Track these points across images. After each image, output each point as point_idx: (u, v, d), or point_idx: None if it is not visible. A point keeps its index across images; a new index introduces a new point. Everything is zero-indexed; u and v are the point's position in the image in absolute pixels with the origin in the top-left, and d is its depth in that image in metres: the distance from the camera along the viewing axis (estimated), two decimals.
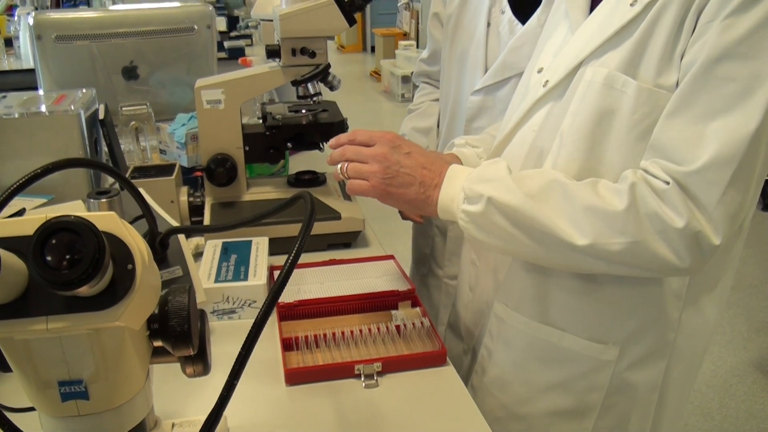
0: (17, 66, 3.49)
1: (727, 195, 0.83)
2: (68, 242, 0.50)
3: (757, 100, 0.81)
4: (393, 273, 1.31)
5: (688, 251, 0.86)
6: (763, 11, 0.80)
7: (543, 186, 0.93)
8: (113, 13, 1.95)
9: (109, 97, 1.79)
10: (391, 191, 1.04)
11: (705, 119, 0.84)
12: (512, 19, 1.46)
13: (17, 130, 1.47)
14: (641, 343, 1.04)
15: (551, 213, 0.91)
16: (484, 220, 0.96)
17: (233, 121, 1.46)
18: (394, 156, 1.04)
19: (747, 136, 0.82)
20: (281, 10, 1.36)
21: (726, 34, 0.82)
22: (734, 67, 0.82)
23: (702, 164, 0.83)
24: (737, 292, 3.63)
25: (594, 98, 0.93)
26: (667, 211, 0.85)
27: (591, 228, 0.88)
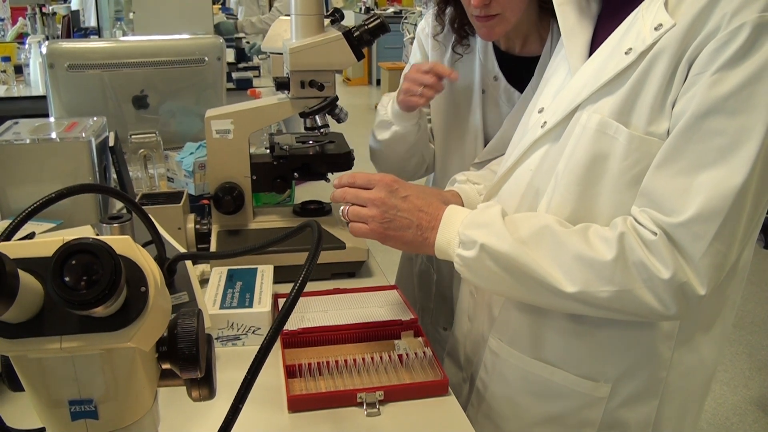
0: (27, 93, 3.55)
1: (712, 247, 0.85)
2: (86, 263, 0.52)
3: (744, 154, 0.83)
4: (396, 303, 1.32)
5: (674, 300, 0.88)
6: (752, 67, 0.82)
7: (534, 232, 0.96)
8: (125, 44, 2.00)
9: (119, 125, 1.82)
10: (390, 234, 1.07)
11: (693, 172, 0.86)
12: (508, 86, 1.49)
13: (28, 156, 1.49)
14: (633, 382, 1.05)
15: (541, 260, 0.93)
16: (478, 265, 0.99)
17: (241, 150, 1.49)
18: (391, 200, 1.08)
19: (733, 191, 0.84)
20: (291, 44, 1.39)
21: (715, 88, 0.84)
22: (722, 121, 0.84)
23: (688, 217, 0.85)
24: (739, 329, 3.63)
25: (587, 143, 0.95)
26: (654, 262, 0.88)
27: (580, 276, 0.91)
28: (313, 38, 1.39)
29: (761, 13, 0.81)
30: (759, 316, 3.77)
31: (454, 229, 1.03)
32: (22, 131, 1.54)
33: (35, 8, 4.52)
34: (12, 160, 1.49)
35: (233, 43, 4.08)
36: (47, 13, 4.42)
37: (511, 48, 1.50)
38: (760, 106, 0.82)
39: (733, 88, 0.83)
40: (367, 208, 1.08)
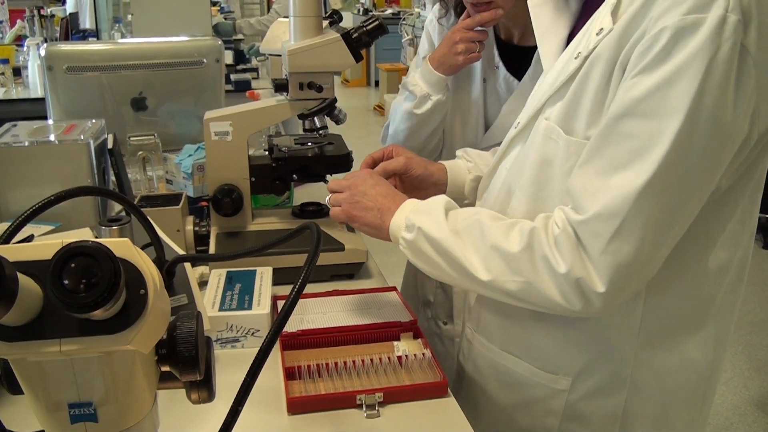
0: (25, 95, 3.56)
1: (612, 246, 0.87)
2: (86, 266, 0.52)
3: (652, 158, 0.84)
4: (395, 304, 1.32)
5: (575, 296, 0.91)
6: (667, 72, 0.82)
7: (468, 224, 1.02)
8: (124, 46, 1.99)
9: (118, 128, 1.82)
10: (355, 214, 1.18)
11: (607, 173, 0.88)
12: (507, 75, 1.54)
13: (27, 159, 1.50)
14: (593, 377, 1.07)
15: (466, 249, 1.00)
16: (416, 247, 1.07)
17: (240, 152, 1.49)
18: (361, 186, 1.20)
19: (633, 193, 0.85)
20: (290, 46, 1.39)
21: (631, 91, 0.85)
22: (635, 124, 0.85)
23: (590, 215, 0.88)
24: (738, 329, 3.64)
25: (537, 147, 1.01)
26: (555, 255, 0.91)
27: (494, 265, 0.97)
28: (311, 40, 1.39)
29: (683, 16, 0.81)
30: (758, 316, 3.79)
31: (403, 215, 1.11)
32: (20, 134, 1.54)
33: (33, 10, 4.53)
34: (11, 163, 1.49)
35: (232, 44, 4.09)
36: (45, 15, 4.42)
37: (510, 38, 1.56)
38: (671, 111, 0.82)
39: (646, 92, 0.84)
40: (342, 193, 1.21)
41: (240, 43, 4.31)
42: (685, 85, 0.81)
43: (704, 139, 0.83)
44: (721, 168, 0.88)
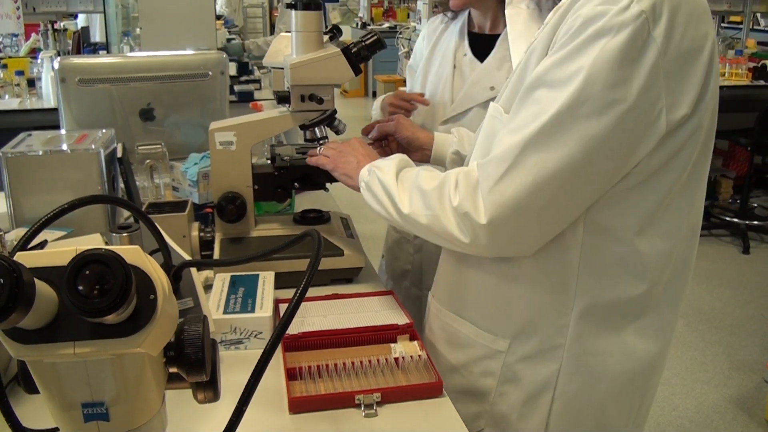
0: (39, 105, 3.64)
1: (498, 186, 1.01)
2: (99, 273, 0.57)
3: (542, 119, 0.97)
4: (392, 307, 1.37)
5: (465, 227, 1.05)
6: (569, 50, 0.96)
7: (411, 173, 1.20)
8: (133, 59, 2.05)
9: (127, 137, 1.87)
10: (338, 162, 1.38)
11: (512, 132, 1.01)
12: (473, 58, 1.74)
13: (40, 167, 1.55)
14: (529, 341, 1.16)
15: (401, 185, 1.17)
16: (369, 187, 1.24)
17: (244, 161, 1.54)
18: (350, 144, 1.41)
19: (521, 143, 0.98)
20: (292, 60, 1.44)
21: (542, 66, 1.00)
22: (540, 93, 0.99)
23: (486, 159, 1.03)
24: (719, 331, 3.73)
25: (485, 124, 1.16)
26: (453, 192, 1.06)
27: (414, 201, 1.13)
28: (312, 54, 1.44)
29: (595, 6, 0.95)
30: (738, 319, 3.88)
31: (367, 168, 1.27)
32: (34, 143, 1.59)
33: (47, 25, 4.60)
34: (25, 171, 1.54)
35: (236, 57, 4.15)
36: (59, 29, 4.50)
37: (482, 29, 1.77)
38: (567, 81, 0.95)
39: (552, 64, 0.98)
40: (335, 148, 1.42)
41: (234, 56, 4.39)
42: (582, 60, 0.94)
43: (593, 107, 0.94)
44: (616, 141, 0.96)
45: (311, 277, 0.75)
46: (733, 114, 5.09)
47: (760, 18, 7.20)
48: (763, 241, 4.93)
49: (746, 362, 3.44)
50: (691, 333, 3.70)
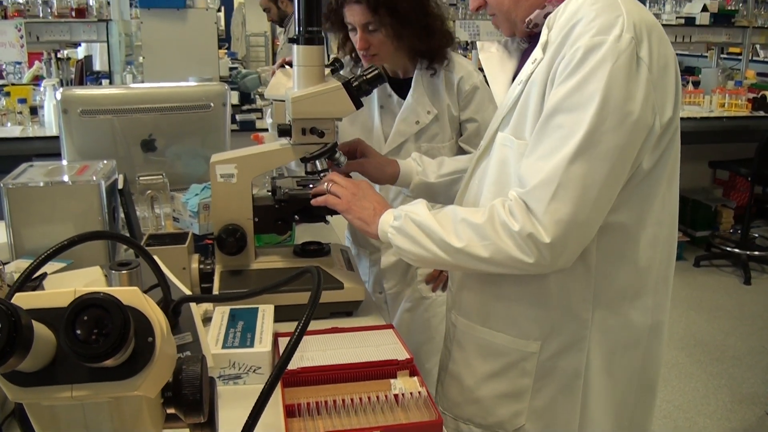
0: (41, 133, 3.65)
1: (551, 206, 1.12)
2: (97, 318, 0.56)
3: (575, 138, 1.10)
4: (392, 342, 1.36)
5: (528, 249, 1.14)
6: (580, 77, 1.10)
7: (443, 210, 1.27)
8: (136, 91, 2.06)
9: (128, 167, 1.88)
10: (353, 207, 1.41)
11: (544, 157, 1.14)
12: (398, 99, 2.01)
13: (41, 198, 1.56)
14: (559, 338, 1.29)
15: (441, 224, 1.24)
16: (402, 230, 1.29)
17: (245, 194, 1.54)
18: (364, 189, 1.44)
19: (563, 164, 1.11)
20: (293, 94, 1.45)
21: (556, 94, 1.13)
22: (562, 118, 1.12)
23: (532, 186, 1.14)
24: (720, 363, 3.70)
25: (496, 153, 1.29)
26: (510, 219, 1.15)
27: (465, 235, 1.20)
28: (314, 88, 1.45)
29: (591, 37, 1.10)
30: (740, 350, 3.85)
31: (391, 214, 1.34)
32: (36, 174, 1.60)
33: (51, 53, 4.65)
34: (26, 202, 1.55)
35: (237, 85, 4.18)
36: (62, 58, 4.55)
37: (396, 75, 2.03)
38: (586, 104, 1.09)
39: (567, 93, 1.12)
40: (346, 188, 1.44)
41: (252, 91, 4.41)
42: (595, 84, 1.09)
43: (614, 122, 1.10)
44: (632, 147, 1.13)
45: (310, 316, 0.75)
46: (733, 144, 5.13)
47: (759, 49, 7.26)
48: (764, 271, 4.91)
49: (749, 395, 3.41)
50: (693, 365, 3.67)
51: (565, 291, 1.26)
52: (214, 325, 1.34)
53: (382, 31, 1.85)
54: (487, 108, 1.96)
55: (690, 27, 5.39)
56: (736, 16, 5.52)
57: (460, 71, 1.96)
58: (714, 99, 5.07)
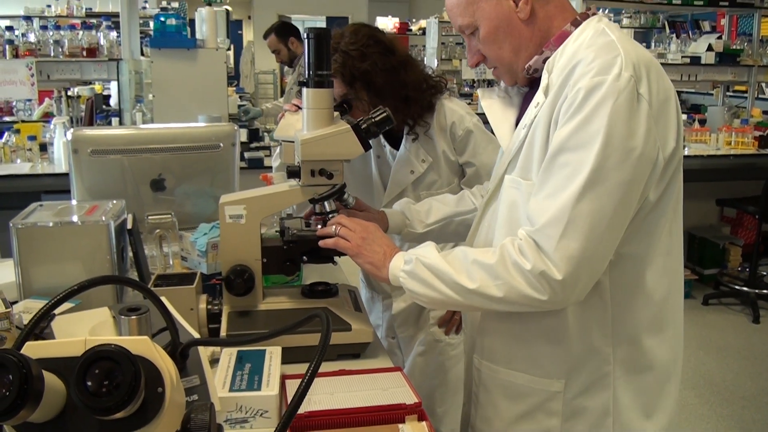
0: (50, 170, 3.68)
1: (561, 243, 1.14)
2: (108, 370, 0.57)
3: (581, 176, 1.13)
4: (400, 385, 1.35)
5: (541, 286, 1.16)
6: (583, 116, 1.14)
7: (453, 252, 1.30)
8: (145, 131, 2.09)
9: (137, 206, 1.89)
10: (363, 251, 1.43)
11: (552, 195, 1.17)
12: (392, 149, 2.02)
13: (50, 238, 1.56)
14: (581, 376, 1.30)
15: (453, 266, 1.26)
16: (414, 274, 1.31)
17: (253, 234, 1.55)
18: (375, 232, 1.46)
19: (571, 202, 1.14)
20: (303, 136, 1.47)
21: (560, 134, 1.17)
22: (566, 156, 1.16)
23: (541, 224, 1.17)
24: (730, 404, 3.64)
25: (505, 196, 1.32)
26: (521, 258, 1.18)
27: (477, 276, 1.23)
28: (323, 130, 1.47)
29: (591, 78, 1.14)
30: (749, 391, 3.79)
31: (402, 257, 1.36)
32: (45, 214, 1.61)
33: (61, 91, 4.71)
34: (35, 242, 1.56)
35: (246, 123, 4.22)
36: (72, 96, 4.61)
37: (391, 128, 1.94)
38: (591, 142, 1.13)
39: (571, 132, 1.15)
40: (355, 233, 1.45)
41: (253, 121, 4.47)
42: (598, 123, 1.13)
43: (618, 158, 1.13)
44: (637, 181, 1.16)
45: (319, 363, 0.74)
46: (741, 182, 5.13)
47: (765, 87, 7.30)
48: None
49: None
50: (703, 405, 3.62)
51: (584, 327, 1.27)
52: (221, 367, 1.33)
53: (359, 104, 1.87)
54: (484, 150, 1.95)
55: (695, 66, 5.43)
56: (741, 55, 5.56)
57: (452, 117, 1.94)
58: (720, 137, 5.08)
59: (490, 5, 1.30)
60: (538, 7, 1.29)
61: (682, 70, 5.41)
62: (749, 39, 5.82)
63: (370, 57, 1.81)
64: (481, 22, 1.31)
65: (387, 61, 1.84)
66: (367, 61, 1.81)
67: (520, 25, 1.30)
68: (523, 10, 1.28)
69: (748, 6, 5.50)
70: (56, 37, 4.53)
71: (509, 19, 1.29)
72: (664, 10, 7.43)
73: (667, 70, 5.34)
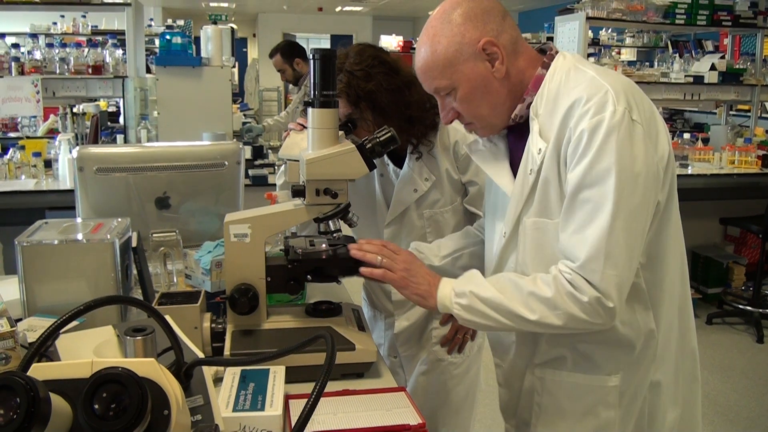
0: (55, 186, 3.69)
1: (605, 274, 1.27)
2: (115, 393, 0.57)
3: (606, 209, 1.25)
4: (404, 406, 1.34)
5: (596, 314, 1.29)
6: (593, 155, 1.25)
7: (502, 284, 1.38)
8: (151, 149, 2.10)
9: (142, 224, 1.89)
10: (409, 284, 1.48)
11: (580, 230, 1.29)
12: (395, 168, 2.02)
13: (55, 256, 1.57)
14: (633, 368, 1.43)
15: (510, 299, 1.35)
16: (471, 308, 1.38)
17: (258, 253, 1.55)
18: (417, 263, 1.52)
19: (605, 235, 1.25)
20: (308, 155, 1.47)
21: (575, 175, 1.28)
22: (586, 193, 1.28)
23: (583, 261, 1.28)
24: (735, 425, 3.62)
25: (531, 237, 1.40)
26: (576, 291, 1.29)
27: (536, 307, 1.32)
28: (328, 150, 1.47)
29: (590, 119, 1.26)
30: (754, 412, 3.76)
31: (449, 287, 1.43)
32: (50, 232, 1.61)
33: (66, 108, 4.74)
34: (40, 260, 1.56)
35: (250, 141, 4.24)
36: (77, 113, 4.63)
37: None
38: (606, 176, 1.25)
39: (585, 170, 1.27)
40: (398, 264, 1.49)
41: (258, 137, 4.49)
42: (608, 159, 1.25)
43: (632, 185, 1.25)
44: (651, 198, 1.30)
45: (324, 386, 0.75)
46: (744, 201, 5.12)
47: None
48: None
49: None
50: (707, 426, 3.60)
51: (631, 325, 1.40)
52: (224, 387, 1.33)
53: (364, 124, 1.88)
54: None
55: (699, 85, 5.44)
56: (744, 74, 5.57)
57: (455, 136, 1.95)
58: (724, 156, 5.09)
59: (467, 67, 1.37)
60: (510, 64, 1.38)
61: (686, 89, 5.42)
62: (752, 58, 5.84)
63: (375, 77, 1.82)
64: (459, 84, 1.39)
65: (391, 81, 1.85)
66: (371, 82, 1.81)
67: (496, 84, 1.39)
68: (499, 70, 1.37)
69: (750, 26, 5.52)
70: (62, 54, 4.56)
71: (486, 79, 1.38)
72: (667, 29, 7.47)
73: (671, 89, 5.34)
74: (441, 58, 1.37)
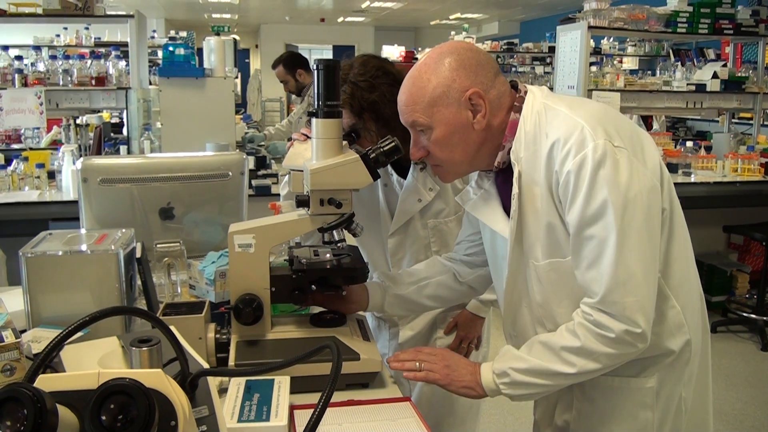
0: (58, 197, 3.70)
1: (626, 302, 1.29)
2: (122, 404, 0.57)
3: (611, 240, 1.28)
4: (409, 416, 1.34)
5: (628, 344, 1.32)
6: (585, 192, 1.28)
7: (536, 348, 1.42)
8: (155, 160, 2.10)
9: (146, 234, 1.89)
10: (453, 377, 1.49)
11: (590, 266, 1.32)
12: (399, 179, 2.02)
13: (60, 267, 1.57)
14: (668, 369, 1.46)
15: (544, 360, 1.39)
16: (515, 383, 1.42)
17: (262, 263, 1.55)
18: (453, 357, 1.54)
19: (614, 268, 1.28)
20: (312, 165, 1.48)
21: (574, 215, 1.31)
22: (588, 230, 1.30)
23: (602, 295, 1.31)
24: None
25: (546, 279, 1.43)
26: (602, 330, 1.32)
27: (572, 359, 1.36)
28: (332, 160, 1.48)
29: (574, 159, 1.29)
30: (759, 420, 3.74)
31: (489, 371, 1.46)
32: (54, 243, 1.62)
33: (70, 120, 4.75)
34: (44, 270, 1.56)
35: (254, 151, 4.24)
36: (81, 124, 4.64)
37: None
38: (603, 209, 1.27)
39: (582, 209, 1.30)
40: (437, 363, 1.51)
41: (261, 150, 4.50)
42: (600, 194, 1.27)
43: (630, 210, 1.27)
44: (655, 213, 1.32)
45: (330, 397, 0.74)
46: (747, 209, 5.12)
47: None
48: None
49: None
50: None
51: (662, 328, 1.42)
52: (229, 397, 1.32)
53: (367, 134, 1.89)
54: None
55: (701, 93, 5.45)
56: (746, 82, 5.58)
57: None
58: (727, 164, 5.09)
59: (450, 111, 1.38)
60: (491, 117, 1.40)
61: (688, 97, 5.43)
62: (754, 66, 5.84)
63: (379, 88, 1.83)
64: (438, 126, 1.40)
65: (395, 91, 1.84)
66: (375, 92, 1.82)
67: (474, 134, 1.41)
68: (479, 122, 1.39)
69: (752, 34, 5.52)
70: (65, 66, 4.58)
71: (465, 127, 1.40)
72: (668, 38, 7.48)
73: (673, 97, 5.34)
74: (427, 95, 1.39)
